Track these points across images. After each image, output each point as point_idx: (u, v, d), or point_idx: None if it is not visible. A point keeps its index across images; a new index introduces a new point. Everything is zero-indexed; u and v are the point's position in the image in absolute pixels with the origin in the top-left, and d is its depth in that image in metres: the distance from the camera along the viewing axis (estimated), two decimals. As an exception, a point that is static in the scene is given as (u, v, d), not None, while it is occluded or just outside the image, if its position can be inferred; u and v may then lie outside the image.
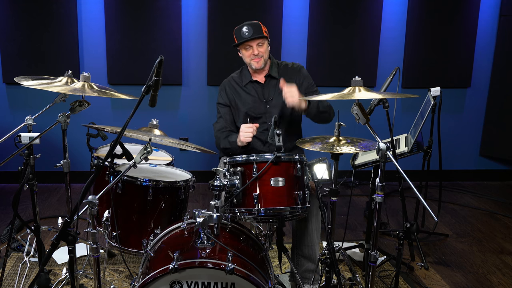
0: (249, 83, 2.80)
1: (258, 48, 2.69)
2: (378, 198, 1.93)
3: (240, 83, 2.82)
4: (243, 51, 2.73)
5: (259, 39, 2.67)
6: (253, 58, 2.70)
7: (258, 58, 2.70)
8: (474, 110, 4.90)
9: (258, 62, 2.71)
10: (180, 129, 4.55)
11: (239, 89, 2.81)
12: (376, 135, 1.94)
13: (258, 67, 2.72)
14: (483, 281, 2.95)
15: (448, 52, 4.67)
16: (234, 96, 2.80)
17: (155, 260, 1.91)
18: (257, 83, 2.80)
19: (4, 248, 2.90)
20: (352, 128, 2.64)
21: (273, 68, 2.80)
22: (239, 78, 2.85)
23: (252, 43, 2.67)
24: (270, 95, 2.76)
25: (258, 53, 2.69)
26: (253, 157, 2.04)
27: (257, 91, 2.78)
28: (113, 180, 1.85)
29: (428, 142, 3.19)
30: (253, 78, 2.80)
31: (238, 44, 2.70)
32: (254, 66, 2.72)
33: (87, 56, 4.35)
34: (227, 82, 2.87)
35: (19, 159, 2.31)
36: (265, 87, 2.79)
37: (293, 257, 2.62)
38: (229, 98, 2.81)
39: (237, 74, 2.88)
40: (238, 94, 2.80)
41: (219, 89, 2.88)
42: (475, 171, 5.03)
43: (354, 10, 4.50)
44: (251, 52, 2.69)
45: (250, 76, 2.81)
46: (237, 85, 2.83)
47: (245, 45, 2.70)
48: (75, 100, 2.26)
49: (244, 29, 2.66)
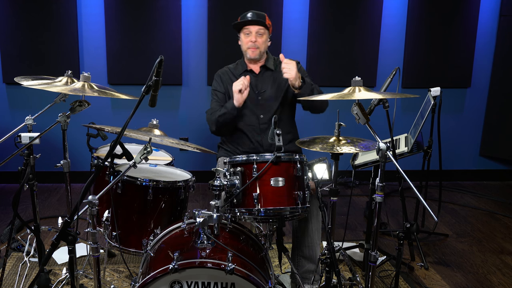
0: (243, 72, 2.80)
1: (257, 37, 2.69)
2: (378, 198, 1.93)
3: (235, 72, 2.83)
4: (242, 36, 2.74)
5: (260, 25, 2.67)
6: (250, 46, 2.70)
7: (255, 48, 2.71)
8: (474, 110, 4.90)
9: (253, 51, 2.72)
10: (180, 129, 4.55)
11: (233, 77, 2.80)
12: (376, 135, 1.94)
13: (252, 57, 2.73)
14: (483, 281, 2.95)
15: (448, 52, 4.67)
16: (228, 84, 2.79)
17: (155, 260, 1.91)
18: (252, 73, 2.80)
19: (4, 248, 2.90)
20: (352, 128, 2.63)
21: (269, 60, 2.81)
22: (234, 68, 2.86)
23: (252, 28, 2.68)
24: (263, 87, 2.76)
25: (255, 41, 2.69)
26: (253, 157, 2.04)
27: (250, 81, 2.76)
28: (113, 180, 1.85)
29: (428, 142, 3.19)
30: (248, 67, 2.81)
31: (239, 24, 2.70)
32: (249, 55, 2.73)
33: (87, 56, 4.35)
34: (221, 71, 2.88)
35: (19, 159, 2.31)
36: (259, 78, 2.79)
37: (294, 258, 2.62)
38: (224, 86, 2.81)
39: (232, 65, 2.89)
40: (231, 83, 2.77)
41: (214, 77, 2.88)
42: (475, 171, 5.03)
43: (354, 10, 4.50)
44: (249, 39, 2.69)
45: (246, 66, 2.82)
46: (231, 74, 2.83)
47: (244, 30, 2.70)
48: (75, 100, 2.26)
49: (249, 14, 2.68)
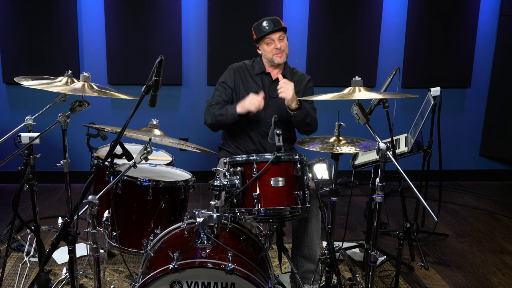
0: (261, 73, 2.78)
1: (280, 43, 2.66)
2: (378, 198, 1.93)
3: (252, 71, 2.79)
4: (264, 46, 2.70)
5: (280, 31, 2.65)
6: (275, 52, 2.67)
7: (281, 53, 2.68)
8: (474, 110, 4.90)
9: (281, 56, 2.69)
10: (180, 129, 4.55)
11: (248, 76, 2.77)
12: (376, 135, 1.94)
13: (281, 62, 2.71)
14: (483, 281, 2.95)
15: (448, 52, 4.67)
16: (240, 81, 2.77)
17: (155, 260, 1.91)
18: (269, 76, 2.78)
19: (4, 248, 2.89)
20: (352, 128, 2.63)
21: (286, 70, 2.79)
22: (251, 66, 2.82)
23: (273, 36, 2.65)
24: (275, 92, 2.73)
25: (280, 47, 2.66)
26: (253, 157, 2.04)
27: (265, 84, 2.75)
28: (113, 180, 1.85)
29: (428, 142, 3.19)
30: (266, 70, 2.78)
31: (259, 39, 2.68)
32: (276, 61, 2.69)
33: (87, 56, 4.35)
34: (237, 65, 2.83)
35: (19, 159, 2.31)
36: (273, 83, 2.76)
37: (293, 258, 2.62)
38: (235, 83, 2.77)
39: (249, 62, 2.84)
40: (246, 81, 2.76)
41: (227, 70, 2.83)
42: (475, 171, 5.03)
43: (354, 10, 4.50)
44: (274, 47, 2.66)
45: (264, 68, 2.78)
46: (247, 71, 2.79)
47: (265, 40, 2.67)
48: (75, 100, 2.26)
49: (264, 23, 2.64)
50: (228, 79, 2.79)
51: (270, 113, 2.71)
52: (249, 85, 2.76)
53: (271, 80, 2.77)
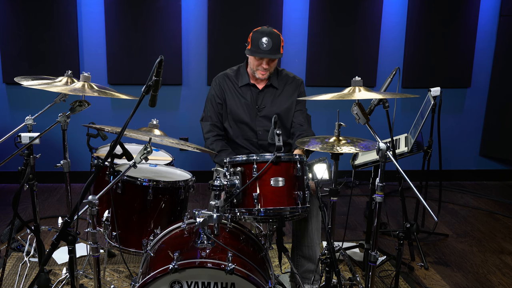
0: (246, 85, 2.72)
1: (270, 63, 2.60)
2: (378, 198, 1.93)
3: (236, 83, 2.73)
4: (252, 59, 2.63)
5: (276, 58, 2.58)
6: (261, 70, 2.62)
7: (265, 72, 2.63)
8: (474, 110, 4.90)
9: (263, 75, 2.63)
10: (180, 129, 4.55)
11: (233, 89, 2.72)
12: (376, 135, 1.94)
13: (262, 78, 2.66)
14: (483, 281, 2.95)
15: (448, 52, 4.67)
16: (228, 93, 2.72)
17: (155, 260, 1.91)
18: (254, 87, 2.72)
19: (4, 248, 2.90)
20: (352, 128, 2.63)
21: (273, 77, 2.71)
22: (235, 76, 2.74)
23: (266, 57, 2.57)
24: (263, 102, 2.70)
25: (267, 68, 2.61)
26: (253, 157, 2.04)
27: (252, 95, 2.70)
28: (113, 180, 1.85)
29: (428, 142, 3.19)
30: (251, 81, 2.72)
31: (251, 54, 2.59)
32: (258, 76, 2.64)
33: (87, 56, 4.35)
34: (221, 77, 2.76)
35: (19, 159, 2.31)
36: (260, 93, 2.71)
37: (293, 258, 2.62)
38: (224, 95, 2.72)
39: (233, 72, 2.76)
40: (231, 93, 2.71)
41: (212, 84, 2.77)
42: (475, 171, 5.03)
43: (354, 10, 4.50)
44: (261, 65, 2.60)
45: (248, 78, 2.72)
46: (231, 84, 2.73)
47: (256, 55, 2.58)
48: (75, 100, 2.26)
49: (263, 39, 2.52)
50: (217, 93, 2.73)
51: (260, 124, 2.70)
52: (234, 99, 2.71)
53: (258, 90, 2.72)
